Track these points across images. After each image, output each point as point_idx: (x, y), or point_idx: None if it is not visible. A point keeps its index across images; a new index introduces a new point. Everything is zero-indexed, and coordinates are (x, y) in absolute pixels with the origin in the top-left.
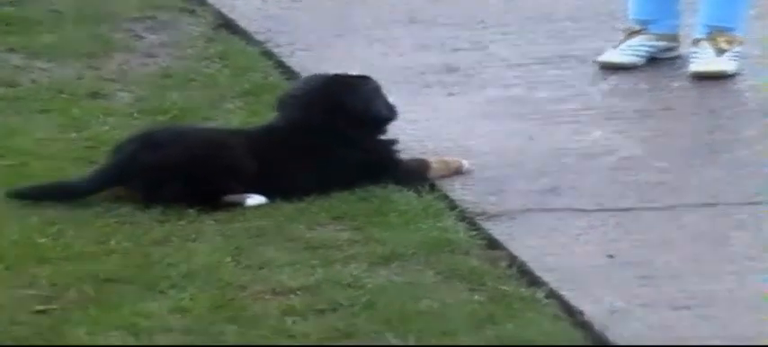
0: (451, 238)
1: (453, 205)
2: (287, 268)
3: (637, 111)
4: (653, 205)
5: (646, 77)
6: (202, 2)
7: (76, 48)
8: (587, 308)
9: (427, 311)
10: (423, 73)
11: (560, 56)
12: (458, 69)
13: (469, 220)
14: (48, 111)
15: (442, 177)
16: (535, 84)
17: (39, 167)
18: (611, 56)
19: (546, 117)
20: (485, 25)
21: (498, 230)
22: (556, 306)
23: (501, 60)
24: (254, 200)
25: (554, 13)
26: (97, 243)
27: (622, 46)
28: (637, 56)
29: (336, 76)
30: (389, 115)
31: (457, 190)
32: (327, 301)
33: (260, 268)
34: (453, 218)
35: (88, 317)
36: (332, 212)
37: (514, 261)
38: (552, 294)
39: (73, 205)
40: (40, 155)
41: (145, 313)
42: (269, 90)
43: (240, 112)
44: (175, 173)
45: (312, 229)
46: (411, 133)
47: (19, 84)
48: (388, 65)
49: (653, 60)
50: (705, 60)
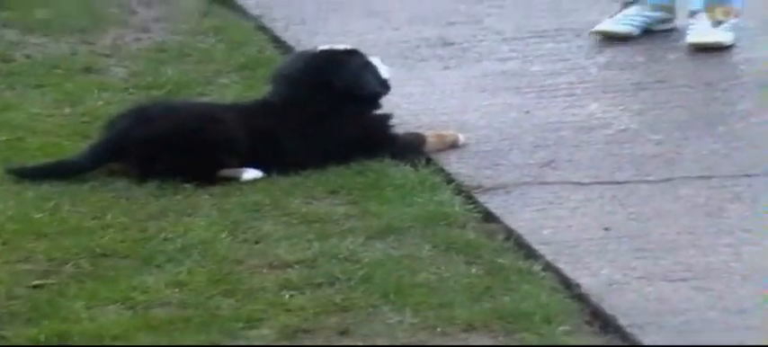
0: (448, 212)
1: (449, 179)
2: (283, 242)
3: (633, 84)
4: (649, 178)
5: (642, 50)
6: None
7: (71, 23)
8: (584, 281)
9: (424, 284)
10: (418, 47)
11: (556, 29)
12: (453, 43)
13: (466, 194)
14: (42, 86)
15: (438, 151)
16: (531, 57)
17: (33, 142)
18: (606, 25)
19: (542, 90)
20: None
21: (494, 203)
22: (552, 278)
23: (496, 34)
24: (250, 175)
25: None
26: (93, 217)
27: (618, 16)
28: (632, 25)
29: (323, 52)
30: (380, 90)
31: (453, 163)
32: (324, 275)
33: (256, 242)
34: (449, 192)
35: (85, 292)
36: (328, 186)
37: (511, 234)
38: (549, 267)
39: (69, 180)
40: (35, 130)
41: (141, 287)
42: (264, 64)
43: (235, 87)
44: (168, 148)
45: (308, 203)
46: (406, 107)
47: (13, 59)
48: (384, 38)
49: (649, 32)
50: (702, 31)
